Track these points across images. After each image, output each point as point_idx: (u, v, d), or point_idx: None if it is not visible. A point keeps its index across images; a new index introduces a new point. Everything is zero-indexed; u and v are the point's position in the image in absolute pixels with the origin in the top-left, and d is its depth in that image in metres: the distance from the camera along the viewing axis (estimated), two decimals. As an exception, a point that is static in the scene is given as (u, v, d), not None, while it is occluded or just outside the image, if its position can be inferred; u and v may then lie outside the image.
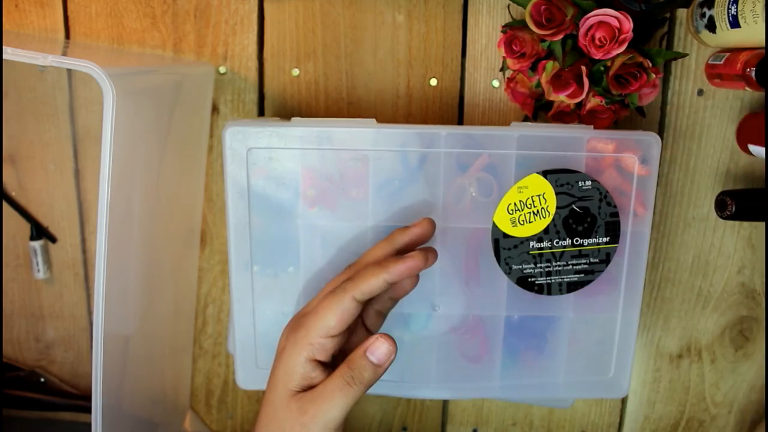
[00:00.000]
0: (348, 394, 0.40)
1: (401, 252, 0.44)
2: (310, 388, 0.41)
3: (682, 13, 0.53)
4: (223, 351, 0.61)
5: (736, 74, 0.49)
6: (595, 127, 0.48)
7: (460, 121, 0.56)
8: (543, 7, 0.46)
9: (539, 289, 0.48)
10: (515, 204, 0.47)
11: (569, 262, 0.47)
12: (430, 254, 0.42)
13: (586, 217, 0.47)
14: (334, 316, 0.40)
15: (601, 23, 0.46)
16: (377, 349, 0.40)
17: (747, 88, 0.48)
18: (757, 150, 0.52)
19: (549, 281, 0.48)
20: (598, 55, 0.46)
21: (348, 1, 0.54)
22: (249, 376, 0.50)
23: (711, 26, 0.49)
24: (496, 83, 0.55)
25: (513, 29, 0.49)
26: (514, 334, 0.50)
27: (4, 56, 0.39)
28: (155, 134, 0.47)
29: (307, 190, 0.46)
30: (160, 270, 0.52)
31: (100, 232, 0.39)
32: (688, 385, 0.62)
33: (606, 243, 0.48)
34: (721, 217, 0.53)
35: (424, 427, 0.63)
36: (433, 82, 0.55)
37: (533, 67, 0.49)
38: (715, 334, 0.61)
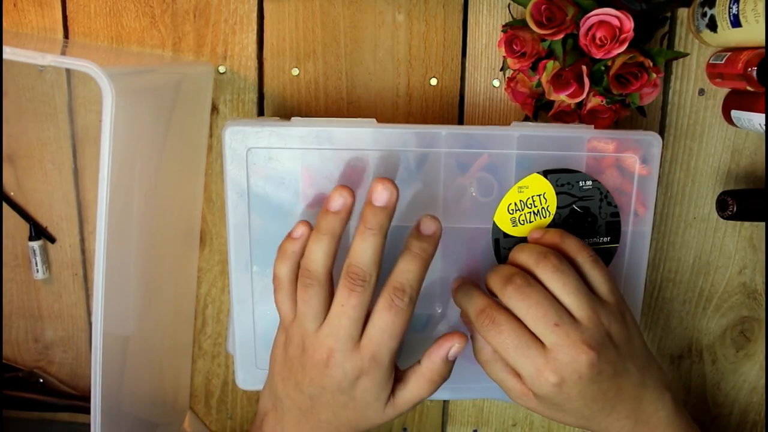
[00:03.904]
0: (434, 389, 0.44)
1: None
2: None
3: (683, 13, 0.53)
4: (222, 351, 0.61)
5: (737, 74, 0.49)
6: (595, 127, 0.47)
7: (461, 121, 0.56)
8: (543, 6, 0.46)
9: (540, 290, 0.48)
10: (516, 204, 0.47)
11: (570, 263, 0.47)
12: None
13: (587, 217, 0.47)
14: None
15: (601, 23, 0.46)
16: (455, 351, 0.44)
17: (748, 88, 0.48)
18: (738, 115, 0.52)
19: (549, 281, 0.47)
20: (598, 54, 0.46)
21: (348, 0, 0.54)
22: (249, 377, 0.50)
23: (712, 25, 0.49)
24: (496, 83, 0.55)
25: (513, 29, 0.48)
26: (515, 334, 0.50)
27: (3, 56, 0.38)
28: (154, 134, 0.47)
29: (307, 190, 0.46)
30: (159, 270, 0.52)
31: (99, 232, 0.39)
32: (689, 385, 0.62)
33: (607, 243, 0.48)
34: (723, 217, 0.53)
35: (425, 427, 0.63)
36: (433, 81, 0.55)
37: (534, 67, 0.49)
38: (716, 335, 0.60)
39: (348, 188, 0.42)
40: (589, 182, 0.47)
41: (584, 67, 0.47)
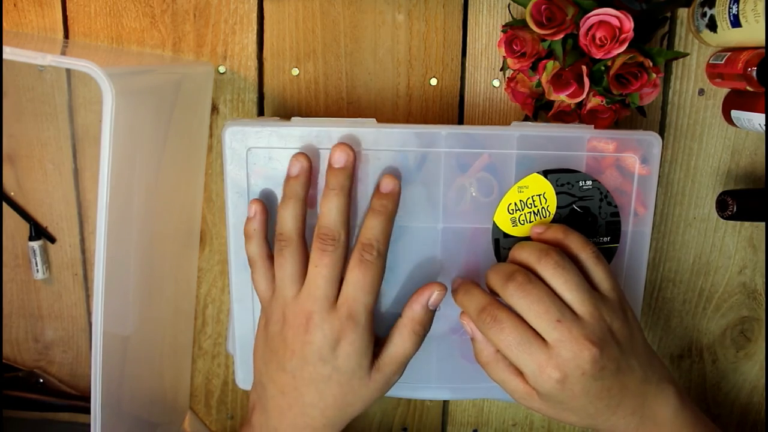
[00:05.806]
0: (417, 342, 0.45)
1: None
2: None
3: (683, 13, 0.53)
4: (222, 351, 0.61)
5: (737, 74, 0.49)
6: (595, 127, 0.47)
7: (461, 121, 0.56)
8: (543, 6, 0.46)
9: (540, 290, 0.48)
10: (516, 204, 0.47)
11: (570, 262, 0.47)
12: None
13: (587, 217, 0.47)
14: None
15: (601, 23, 0.46)
16: (435, 298, 0.45)
17: (748, 88, 0.48)
18: (738, 115, 0.52)
19: (549, 281, 0.47)
20: (598, 54, 0.46)
21: (348, 0, 0.54)
22: (249, 377, 0.50)
23: (712, 26, 0.49)
24: (496, 83, 0.55)
25: (513, 29, 0.48)
26: (515, 334, 0.50)
27: (3, 56, 0.38)
28: (154, 134, 0.47)
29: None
30: (159, 270, 0.52)
31: (99, 232, 0.39)
32: (689, 385, 0.62)
33: (607, 243, 0.48)
34: (722, 217, 0.53)
35: (424, 427, 0.63)
36: (433, 81, 0.55)
37: (534, 67, 0.49)
38: (716, 335, 0.60)
39: (304, 154, 0.44)
40: (589, 182, 0.47)
41: (584, 67, 0.47)
